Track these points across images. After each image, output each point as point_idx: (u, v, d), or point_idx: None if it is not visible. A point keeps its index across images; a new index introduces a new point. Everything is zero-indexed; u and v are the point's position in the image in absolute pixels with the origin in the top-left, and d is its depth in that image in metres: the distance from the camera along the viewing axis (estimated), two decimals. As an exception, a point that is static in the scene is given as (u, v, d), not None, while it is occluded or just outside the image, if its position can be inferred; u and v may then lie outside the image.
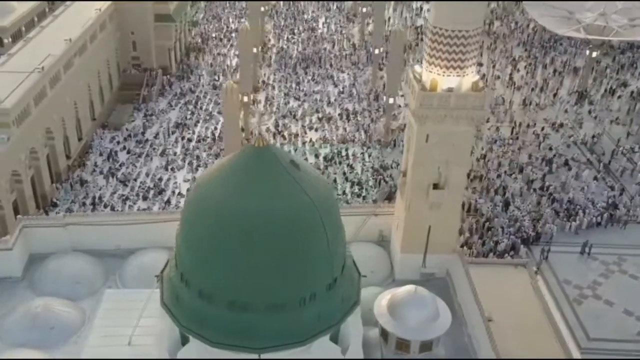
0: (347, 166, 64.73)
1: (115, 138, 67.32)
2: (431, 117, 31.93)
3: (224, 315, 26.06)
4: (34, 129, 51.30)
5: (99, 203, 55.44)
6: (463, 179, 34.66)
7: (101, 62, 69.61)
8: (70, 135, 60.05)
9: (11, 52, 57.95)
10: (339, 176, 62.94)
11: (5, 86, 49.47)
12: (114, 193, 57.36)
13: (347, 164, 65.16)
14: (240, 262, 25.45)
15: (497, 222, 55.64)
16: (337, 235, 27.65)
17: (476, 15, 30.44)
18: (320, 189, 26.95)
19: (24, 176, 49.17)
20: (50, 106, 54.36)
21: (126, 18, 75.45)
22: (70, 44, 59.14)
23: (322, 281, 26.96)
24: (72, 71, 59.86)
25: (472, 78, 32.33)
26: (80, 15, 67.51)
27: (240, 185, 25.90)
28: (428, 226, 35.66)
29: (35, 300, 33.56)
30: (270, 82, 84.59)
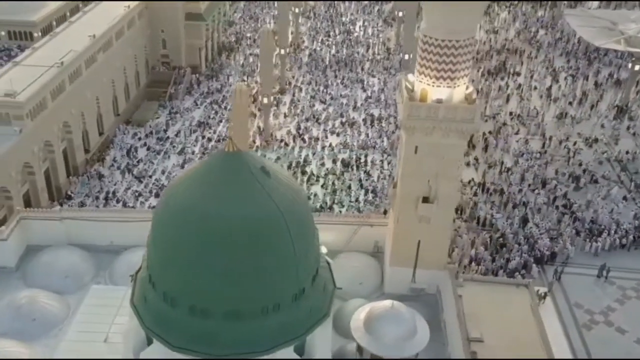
0: (364, 173, 64.19)
1: (137, 134, 68.81)
2: (419, 128, 31.31)
3: (185, 320, 26.12)
4: (50, 123, 53.01)
5: (112, 198, 56.73)
6: (454, 194, 33.76)
7: (128, 59, 71.30)
8: (90, 129, 61.74)
9: (35, 46, 60.11)
10: (354, 182, 62.47)
11: (23, 80, 51.33)
12: (128, 189, 58.58)
13: (365, 170, 64.63)
14: (202, 268, 25.43)
15: (512, 239, 54.04)
16: (306, 245, 27.37)
17: (468, 24, 29.65)
18: (290, 197, 26.72)
19: (37, 168, 50.85)
20: (68, 100, 56.06)
21: (157, 16, 77.05)
22: (93, 40, 60.78)
23: (287, 291, 26.71)
24: (95, 67, 61.54)
25: (464, 89, 31.54)
26: (109, 12, 69.35)
27: (207, 190, 25.93)
28: (417, 240, 35.01)
29: (22, 291, 34.64)
30: (298, 84, 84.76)
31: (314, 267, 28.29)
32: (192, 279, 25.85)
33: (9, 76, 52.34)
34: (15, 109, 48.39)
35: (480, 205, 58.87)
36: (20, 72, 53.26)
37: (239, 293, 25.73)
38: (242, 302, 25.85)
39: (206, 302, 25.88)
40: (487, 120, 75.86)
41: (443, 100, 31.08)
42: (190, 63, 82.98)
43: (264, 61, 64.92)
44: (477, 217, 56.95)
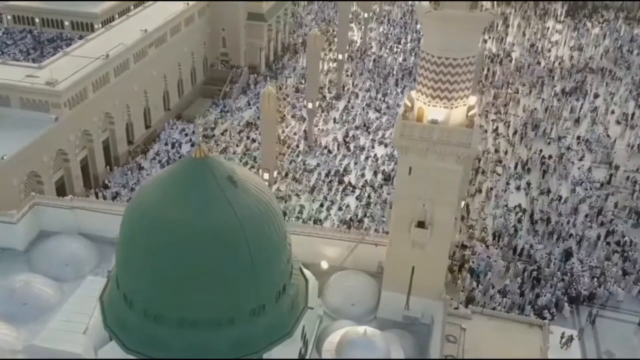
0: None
1: (185, 130, 70.81)
2: (412, 148, 30.05)
3: (140, 323, 26.51)
4: (90, 113, 55.57)
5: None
6: (449, 221, 32.09)
7: (184, 55, 73.49)
8: (136, 122, 64.19)
9: (88, 37, 63.27)
10: (390, 197, 61.08)
11: (67, 70, 54.14)
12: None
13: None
14: (156, 273, 25.72)
15: (549, 273, 50.90)
16: (269, 260, 26.97)
17: (466, 42, 28.08)
18: (254, 209, 26.41)
19: (72, 156, 53.42)
20: (112, 92, 58.54)
21: (218, 14, 79.00)
22: (144, 35, 63.10)
23: (243, 306, 26.47)
24: (145, 61, 63.90)
25: (465, 111, 29.97)
26: (168, 8, 71.75)
27: (169, 195, 26.18)
28: (412, 266, 33.63)
29: (21, 275, 36.40)
30: (356, 91, 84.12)
31: (280, 284, 27.85)
32: (146, 283, 26.20)
33: (56, 65, 55.47)
34: (53, 97, 51.16)
35: (520, 233, 55.94)
36: (67, 62, 56.26)
37: (192, 302, 25.75)
38: (195, 311, 25.87)
39: (159, 307, 26.05)
40: (550, 143, 72.15)
41: (439, 121, 29.67)
42: (250, 63, 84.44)
43: (311, 65, 64.89)
44: (514, 246, 54.12)
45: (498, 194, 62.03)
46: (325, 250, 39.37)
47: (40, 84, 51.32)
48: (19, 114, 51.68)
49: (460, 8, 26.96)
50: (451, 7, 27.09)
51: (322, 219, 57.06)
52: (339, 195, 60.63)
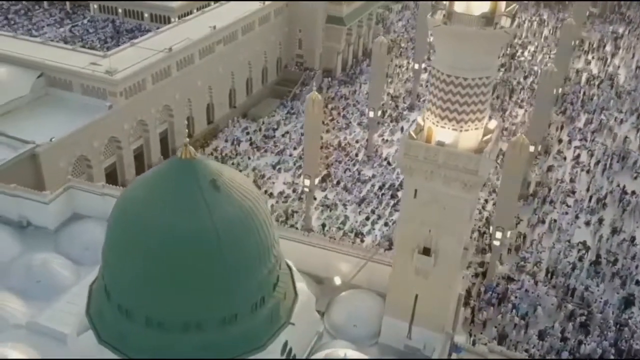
0: (460, 210, 60.21)
1: (247, 128, 72.22)
2: (417, 170, 28.77)
3: (114, 316, 27.31)
4: (147, 104, 57.99)
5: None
6: (455, 251, 30.38)
7: (255, 54, 74.92)
8: (197, 116, 66.26)
9: (159, 30, 66.00)
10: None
11: (130, 60, 56.85)
12: (215, 179, 61.83)
13: (461, 207, 60.59)
14: (129, 270, 26.37)
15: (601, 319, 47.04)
16: (246, 269, 26.80)
17: (479, 61, 26.44)
18: (235, 216, 26.37)
19: (125, 144, 56.00)
20: (173, 86, 60.77)
21: (296, 15, 79.83)
22: (212, 32, 64.90)
23: (213, 313, 26.52)
24: (212, 57, 65.74)
25: (478, 136, 28.30)
26: (245, 6, 73.42)
27: (150, 194, 26.79)
28: (415, 294, 32.22)
29: (43, 253, 38.57)
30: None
31: (257, 295, 27.61)
32: (120, 279, 26.92)
33: (120, 55, 58.50)
34: (110, 86, 53.92)
35: (578, 272, 52.10)
36: (132, 53, 59.11)
37: (160, 302, 26.15)
38: (162, 312, 26.26)
39: (130, 304, 26.64)
40: (637, 178, 66.72)
41: (446, 143, 28.19)
42: (326, 66, 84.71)
43: (375, 73, 64.07)
44: (567, 285, 50.52)
45: (563, 228, 58.19)
46: (340, 265, 38.71)
47: (100, 72, 54.32)
48: (79, 99, 55.06)
49: (472, 24, 25.45)
50: (463, 22, 25.64)
51: (365, 232, 56.13)
52: (387, 210, 59.37)
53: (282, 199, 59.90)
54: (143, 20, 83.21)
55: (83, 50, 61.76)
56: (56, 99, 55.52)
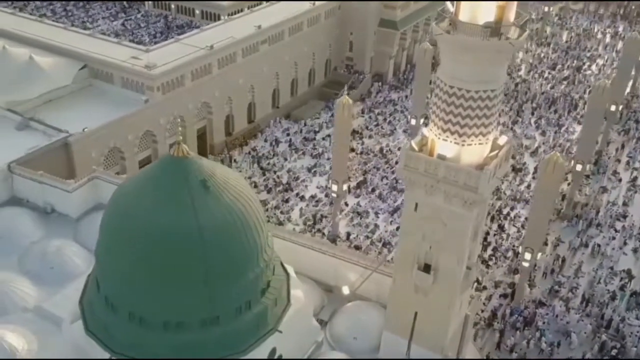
0: (498, 227, 58.41)
1: (289, 129, 72.51)
2: (418, 183, 27.99)
3: (101, 309, 28.15)
4: (185, 100, 59.16)
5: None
6: (456, 270, 29.35)
7: (303, 55, 75.08)
8: (237, 114, 67.06)
9: (204, 27, 67.20)
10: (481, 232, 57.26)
11: (170, 56, 58.14)
12: (249, 177, 62.46)
13: (500, 224, 58.78)
14: (115, 265, 27.18)
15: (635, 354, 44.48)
16: (230, 273, 26.90)
17: (483, 73, 25.41)
18: (222, 218, 26.55)
19: (160, 138, 57.32)
20: (213, 83, 61.74)
21: (348, 18, 79.47)
22: (257, 31, 65.45)
23: (193, 313, 26.80)
24: (255, 56, 66.33)
25: (482, 151, 27.26)
26: (297, 7, 73.72)
27: (140, 191, 27.45)
28: (414, 312, 31.38)
29: (59, 240, 39.98)
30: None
31: (242, 299, 27.69)
32: (108, 272, 27.67)
33: (162, 50, 60.01)
34: (148, 80, 55.35)
35: (617, 303, 49.39)
36: (174, 49, 60.44)
37: (142, 299, 26.69)
38: (144, 308, 26.81)
39: (115, 297, 27.43)
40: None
41: (447, 157, 27.28)
42: (377, 70, 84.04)
43: (419, 80, 62.96)
44: (603, 315, 47.98)
45: (607, 253, 55.34)
46: (351, 274, 38.25)
47: (139, 66, 55.83)
48: (119, 92, 56.84)
49: (476, 34, 24.51)
50: (466, 32, 24.74)
51: (394, 243, 55.16)
52: (420, 222, 58.14)
53: (313, 202, 59.78)
54: (194, 17, 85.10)
55: (127, 44, 63.71)
56: (97, 90, 57.53)
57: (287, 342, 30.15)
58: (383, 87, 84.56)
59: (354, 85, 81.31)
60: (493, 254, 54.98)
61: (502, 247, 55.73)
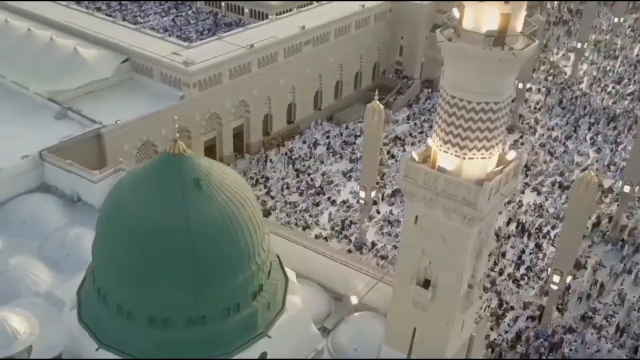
0: (535, 245, 56.39)
1: (329, 132, 72.37)
2: (418, 195, 27.35)
3: (94, 299, 28.85)
4: (222, 97, 59.94)
5: (262, 181, 61.67)
6: (454, 288, 28.46)
7: (348, 58, 74.69)
8: (276, 114, 67.47)
9: (249, 26, 67.87)
10: (516, 250, 55.55)
11: (209, 53, 59.11)
12: (282, 179, 62.76)
13: (537, 243, 56.74)
14: (107, 258, 27.97)
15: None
16: (219, 273, 27.06)
17: (485, 84, 24.54)
18: (212, 218, 26.80)
19: (195, 134, 58.17)
20: (252, 82, 62.33)
21: (399, 21, 78.42)
22: (300, 32, 65.55)
23: (179, 311, 27.05)
24: (298, 57, 66.48)
25: (483, 165, 26.33)
26: (347, 8, 73.49)
27: (136, 188, 28.19)
28: (413, 327, 30.67)
29: (78, 229, 41.24)
30: (536, 127, 77.43)
31: (231, 300, 27.85)
32: (103, 264, 28.34)
33: (203, 47, 61.17)
34: (185, 77, 56.46)
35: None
36: (215, 46, 61.46)
37: (130, 293, 27.21)
38: (131, 303, 27.36)
39: (106, 289, 28.06)
40: None
41: (448, 170, 26.50)
42: (427, 76, 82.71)
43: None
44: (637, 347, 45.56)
45: (653, 281, 52.64)
46: (358, 283, 37.77)
47: (178, 62, 57.00)
48: (157, 87, 58.33)
49: (478, 43, 23.70)
50: (468, 40, 23.98)
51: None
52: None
53: (344, 208, 59.45)
54: (243, 16, 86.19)
55: (170, 39, 65.14)
56: (137, 84, 59.21)
57: (281, 348, 30.03)
58: (433, 94, 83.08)
59: (402, 90, 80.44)
60: (526, 274, 53.17)
61: (536, 266, 53.84)
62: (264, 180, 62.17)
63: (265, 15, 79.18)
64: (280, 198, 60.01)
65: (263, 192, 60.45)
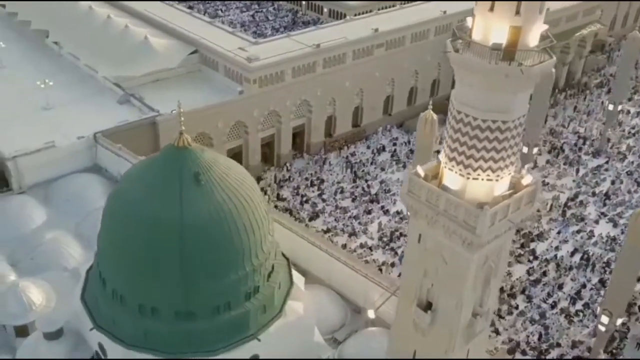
0: (599, 281, 52.88)
1: (397, 139, 71.29)
2: (420, 213, 26.38)
3: (96, 282, 30.11)
4: (283, 95, 60.51)
5: (317, 183, 61.83)
6: (454, 316, 27.12)
7: (426, 64, 73.05)
8: (340, 116, 67.25)
9: (320, 26, 67.93)
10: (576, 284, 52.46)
11: (274, 50, 59.89)
12: (338, 182, 62.63)
13: (601, 278, 53.22)
14: (105, 246, 29.22)
15: None
16: (208, 269, 27.47)
17: (495, 101, 23.15)
18: (207, 214, 27.22)
19: (252, 129, 59.33)
20: (316, 82, 62.46)
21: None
22: (373, 34, 64.88)
23: (167, 303, 27.67)
24: (368, 60, 65.86)
25: (489, 187, 24.99)
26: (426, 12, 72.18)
27: (138, 177, 29.27)
28: (413, 350, 29.64)
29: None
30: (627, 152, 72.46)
31: (220, 298, 28.26)
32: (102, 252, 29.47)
33: (269, 44, 62.13)
34: (246, 72, 57.47)
35: None
36: (281, 44, 62.14)
37: (123, 281, 28.27)
38: (124, 290, 28.36)
39: (105, 275, 29.03)
40: None
41: (451, 189, 25.33)
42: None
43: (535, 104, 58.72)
44: None
45: None
46: (377, 297, 37.06)
47: (241, 57, 58.16)
48: (220, 80, 60.04)
49: (483, 56, 22.51)
50: (474, 52, 22.83)
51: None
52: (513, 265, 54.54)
53: (396, 219, 58.45)
54: (322, 15, 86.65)
55: (240, 34, 66.45)
56: (203, 76, 61.19)
57: (275, 353, 30.01)
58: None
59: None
60: (582, 310, 50.05)
61: (595, 304, 50.47)
62: (319, 182, 62.30)
63: (344, 15, 79.21)
64: (332, 202, 59.93)
65: (315, 194, 60.69)
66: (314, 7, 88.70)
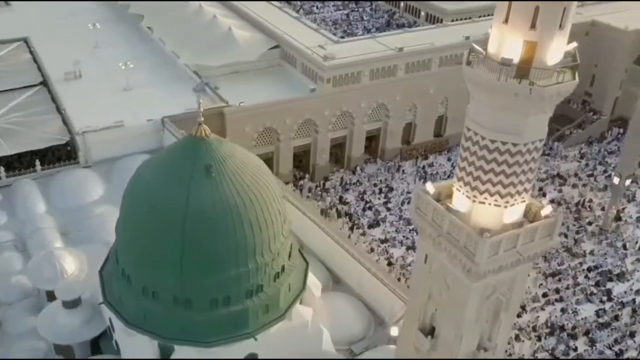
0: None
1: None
2: (426, 232, 25.45)
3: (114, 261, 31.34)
4: (358, 97, 60.06)
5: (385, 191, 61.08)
6: (453, 345, 25.88)
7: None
8: (421, 124, 65.81)
9: (410, 29, 66.53)
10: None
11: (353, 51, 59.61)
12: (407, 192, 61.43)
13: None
14: (120, 234, 30.35)
15: None
16: (206, 261, 28.11)
17: (505, 121, 21.86)
18: (212, 207, 27.84)
19: (322, 128, 59.45)
20: (396, 86, 61.49)
21: (596, 47, 70.52)
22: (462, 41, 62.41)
23: (165, 288, 28.59)
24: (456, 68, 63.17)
25: (498, 213, 23.64)
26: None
27: (154, 166, 30.50)
28: (415, 371, 28.72)
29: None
30: None
31: (219, 292, 28.92)
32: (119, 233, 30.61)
33: (352, 45, 62.01)
34: (320, 70, 57.58)
35: None
36: (363, 45, 61.73)
37: (131, 263, 29.71)
38: (133, 273, 29.75)
39: (121, 263, 30.27)
40: None
41: (458, 211, 24.15)
42: (620, 114, 74.71)
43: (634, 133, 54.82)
44: None
45: None
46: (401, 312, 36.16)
47: (318, 55, 58.33)
48: (297, 77, 60.79)
49: (493, 71, 21.29)
50: (486, 67, 21.65)
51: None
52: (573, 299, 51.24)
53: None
54: (419, 18, 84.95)
55: (324, 32, 66.57)
56: (282, 71, 62.19)
57: (275, 355, 30.12)
58: (623, 136, 74.61)
59: (583, 125, 73.64)
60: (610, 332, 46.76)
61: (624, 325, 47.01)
62: (387, 190, 61.41)
63: (440, 20, 77.43)
64: (396, 211, 58.91)
65: (381, 202, 59.92)
66: (412, 9, 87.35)
